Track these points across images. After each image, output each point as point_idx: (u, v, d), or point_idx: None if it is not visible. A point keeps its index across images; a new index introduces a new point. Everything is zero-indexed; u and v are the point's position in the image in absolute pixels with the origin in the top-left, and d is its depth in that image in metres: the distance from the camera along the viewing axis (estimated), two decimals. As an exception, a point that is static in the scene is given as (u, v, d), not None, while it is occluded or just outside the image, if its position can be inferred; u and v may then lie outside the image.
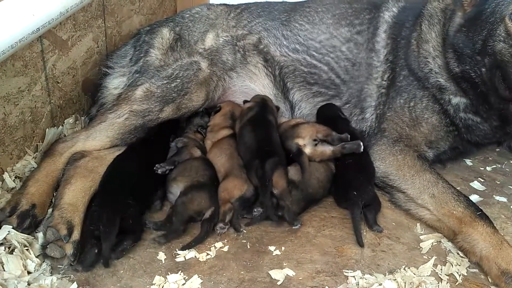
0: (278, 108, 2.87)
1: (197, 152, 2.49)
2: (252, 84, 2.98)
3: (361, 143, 2.43)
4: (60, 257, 1.92)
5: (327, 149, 2.43)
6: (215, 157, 2.43)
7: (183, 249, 2.05)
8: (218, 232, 2.15)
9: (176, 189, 2.25)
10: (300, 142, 2.42)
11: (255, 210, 2.23)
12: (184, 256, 2.03)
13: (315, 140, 2.43)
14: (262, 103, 2.70)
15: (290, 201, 2.20)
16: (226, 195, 2.21)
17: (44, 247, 1.94)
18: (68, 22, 2.62)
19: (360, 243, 2.16)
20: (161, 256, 2.03)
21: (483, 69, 2.38)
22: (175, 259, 2.02)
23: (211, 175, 2.31)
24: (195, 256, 2.04)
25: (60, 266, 1.93)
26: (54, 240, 1.93)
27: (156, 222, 2.15)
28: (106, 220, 1.96)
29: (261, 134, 2.44)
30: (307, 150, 2.41)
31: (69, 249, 1.93)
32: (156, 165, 2.35)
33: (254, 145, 2.39)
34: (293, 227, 2.21)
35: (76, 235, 1.98)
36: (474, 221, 2.16)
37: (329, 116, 2.72)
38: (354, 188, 2.28)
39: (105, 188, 2.18)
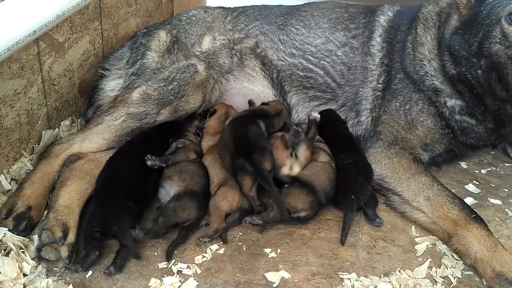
0: (285, 123, 2.81)
1: (193, 155, 2.47)
2: (250, 85, 2.99)
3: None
4: (55, 260, 1.91)
5: (302, 150, 2.37)
6: (210, 166, 2.40)
7: (167, 257, 2.03)
8: (201, 243, 2.12)
9: (169, 187, 2.23)
10: (286, 171, 2.35)
11: (248, 219, 2.24)
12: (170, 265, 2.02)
13: (291, 155, 2.37)
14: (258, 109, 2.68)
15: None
16: (226, 204, 2.20)
17: (39, 249, 1.93)
18: (64, 24, 2.62)
19: (343, 242, 2.19)
20: (157, 258, 2.03)
21: (479, 71, 2.39)
22: (172, 264, 2.01)
23: (204, 184, 2.29)
24: (191, 258, 2.05)
25: (56, 269, 1.93)
26: (49, 243, 1.92)
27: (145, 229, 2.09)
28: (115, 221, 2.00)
29: (237, 131, 2.40)
30: (297, 169, 2.34)
31: (64, 251, 1.92)
32: (147, 156, 2.29)
33: (231, 143, 2.34)
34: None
35: (71, 237, 1.98)
36: (468, 224, 2.17)
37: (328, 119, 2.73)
38: (353, 191, 2.29)
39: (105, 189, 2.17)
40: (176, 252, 2.07)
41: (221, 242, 2.14)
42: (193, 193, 2.19)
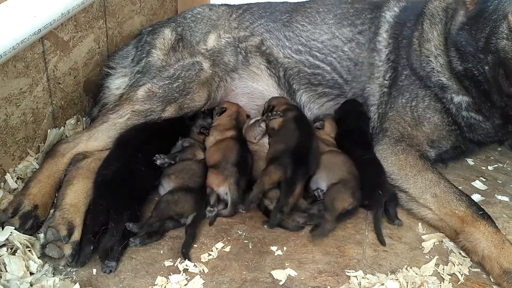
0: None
1: (201, 155, 2.48)
2: (255, 84, 2.98)
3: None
4: (58, 257, 1.92)
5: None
6: (211, 155, 2.41)
7: (185, 258, 2.03)
8: (207, 216, 2.19)
9: (167, 185, 2.26)
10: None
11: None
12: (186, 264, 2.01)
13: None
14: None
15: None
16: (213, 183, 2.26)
17: (43, 246, 1.94)
18: (69, 23, 2.62)
19: (382, 242, 2.19)
20: (163, 256, 2.04)
21: (486, 67, 2.37)
22: (178, 262, 2.01)
23: (203, 182, 2.30)
24: (197, 257, 2.05)
25: (61, 267, 1.94)
26: (54, 240, 1.93)
27: (140, 237, 2.09)
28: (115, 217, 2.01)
29: (303, 137, 2.41)
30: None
31: (67, 249, 1.93)
32: (156, 155, 2.34)
33: (292, 143, 2.35)
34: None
35: (76, 236, 1.98)
36: (476, 221, 2.16)
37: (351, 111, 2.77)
38: (379, 187, 2.31)
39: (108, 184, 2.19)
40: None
41: (227, 240, 2.14)
42: (188, 188, 2.21)
